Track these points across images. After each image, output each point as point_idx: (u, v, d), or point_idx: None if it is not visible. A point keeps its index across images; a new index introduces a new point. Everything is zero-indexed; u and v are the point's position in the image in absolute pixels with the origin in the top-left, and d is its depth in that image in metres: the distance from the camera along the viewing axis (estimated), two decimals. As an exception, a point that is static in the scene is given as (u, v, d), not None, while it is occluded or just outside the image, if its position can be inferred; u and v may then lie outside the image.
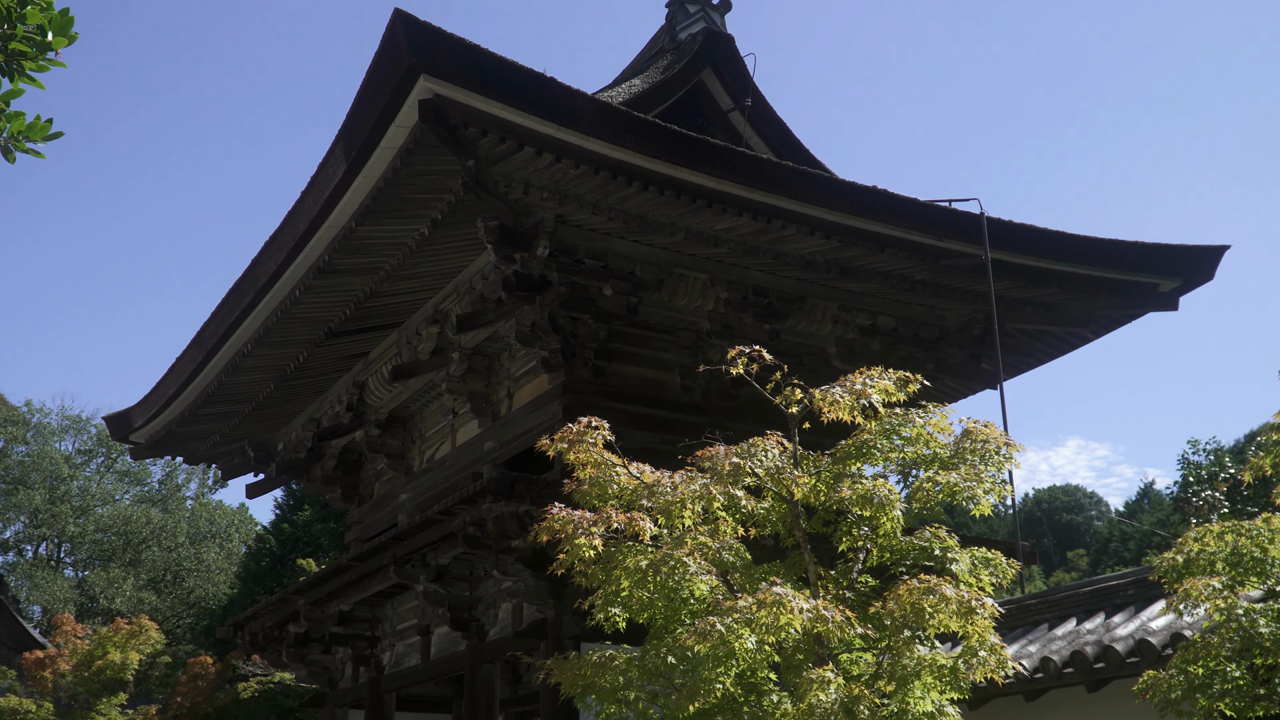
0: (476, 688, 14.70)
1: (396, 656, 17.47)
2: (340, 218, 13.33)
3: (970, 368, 16.75)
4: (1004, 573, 7.42)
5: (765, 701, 6.99)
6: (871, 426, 7.62)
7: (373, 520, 18.79)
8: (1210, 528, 7.11)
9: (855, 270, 14.67)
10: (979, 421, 7.79)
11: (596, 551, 7.04)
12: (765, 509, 7.65)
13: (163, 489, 62.52)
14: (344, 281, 14.69)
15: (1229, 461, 24.84)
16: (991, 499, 7.45)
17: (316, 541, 38.60)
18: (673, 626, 7.17)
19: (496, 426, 15.76)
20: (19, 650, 36.96)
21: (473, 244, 13.95)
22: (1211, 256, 15.96)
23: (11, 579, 53.30)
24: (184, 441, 19.93)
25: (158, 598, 54.67)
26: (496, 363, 16.02)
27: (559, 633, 13.16)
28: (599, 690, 7.16)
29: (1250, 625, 6.51)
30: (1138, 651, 9.40)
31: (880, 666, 6.97)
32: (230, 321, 15.92)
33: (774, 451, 7.57)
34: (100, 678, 29.51)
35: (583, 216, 13.34)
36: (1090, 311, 16.18)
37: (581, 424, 7.62)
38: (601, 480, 7.43)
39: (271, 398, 18.18)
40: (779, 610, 6.34)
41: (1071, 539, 68.36)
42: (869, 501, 7.22)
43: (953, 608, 6.62)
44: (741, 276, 14.74)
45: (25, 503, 57.12)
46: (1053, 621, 11.67)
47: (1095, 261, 15.43)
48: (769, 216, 13.35)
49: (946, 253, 14.47)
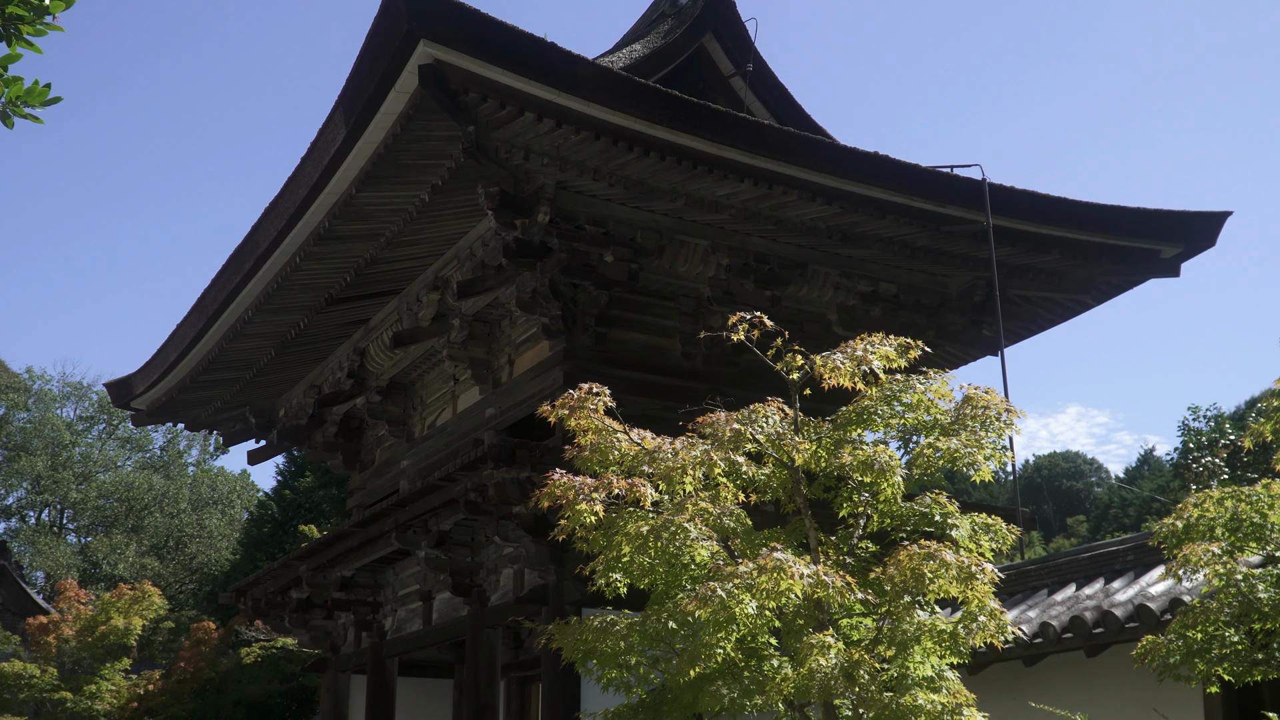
0: (478, 653, 14.78)
1: (398, 622, 17.56)
2: (340, 184, 13.30)
3: (971, 334, 16.74)
4: (1004, 538, 7.43)
5: (766, 666, 7.02)
6: (872, 393, 7.62)
7: (374, 486, 18.84)
8: (1210, 494, 7.11)
9: (856, 236, 14.65)
10: (980, 388, 7.78)
11: (597, 517, 7.05)
12: (766, 475, 7.66)
13: (164, 455, 62.65)
14: (344, 248, 14.67)
15: (1229, 428, 24.86)
16: (992, 465, 7.45)
17: (318, 508, 38.71)
18: (674, 592, 7.19)
19: (497, 393, 15.77)
20: (22, 616, 37.15)
21: (473, 210, 13.92)
22: (1214, 222, 15.92)
23: (14, 545, 53.51)
24: (185, 408, 19.95)
25: (160, 564, 54.88)
26: (497, 329, 16.02)
27: (560, 598, 13.22)
28: (600, 655, 7.18)
29: (1249, 590, 6.53)
30: (1137, 617, 9.43)
31: (880, 631, 7.00)
32: (231, 288, 15.92)
33: (775, 418, 7.56)
34: (104, 643, 29.66)
35: (583, 182, 13.31)
36: (1092, 278, 16.16)
37: (582, 390, 7.62)
38: (602, 446, 7.44)
39: (272, 364, 18.20)
40: (779, 576, 6.36)
41: (1071, 505, 68.53)
42: (870, 467, 7.22)
43: (953, 573, 6.63)
44: (743, 243, 14.72)
45: (27, 469, 57.25)
46: (1052, 587, 11.70)
47: (1097, 227, 15.40)
48: (770, 182, 13.31)
49: (948, 219, 14.44)
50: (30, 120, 3.96)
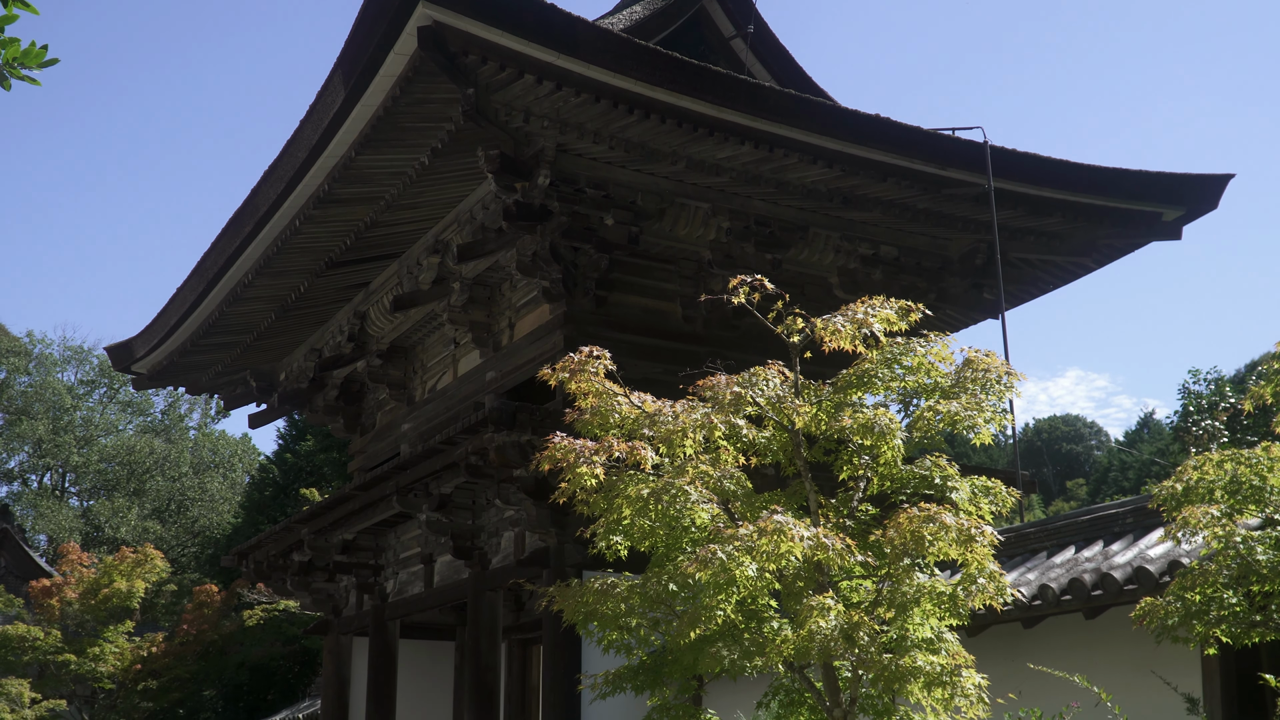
0: (479, 615, 14.85)
1: (400, 585, 17.63)
2: (340, 147, 13.26)
3: (972, 297, 16.73)
4: (1004, 501, 7.44)
5: (766, 628, 7.05)
6: (873, 356, 7.61)
7: (375, 450, 18.87)
8: (1210, 456, 7.12)
9: (857, 199, 14.61)
10: (980, 351, 7.77)
11: (598, 480, 7.06)
12: (766, 438, 7.67)
13: (165, 419, 62.69)
14: (344, 211, 14.64)
15: (1229, 391, 24.85)
16: (992, 428, 7.45)
17: (319, 471, 38.77)
18: (674, 554, 7.22)
19: (498, 356, 15.78)
20: (25, 579, 37.27)
21: (473, 173, 13.88)
22: (1216, 185, 15.88)
23: (16, 508, 53.64)
24: (186, 372, 19.97)
25: (162, 527, 55.03)
26: (498, 293, 16.01)
27: (561, 561, 13.27)
28: (601, 617, 7.22)
29: (1248, 552, 6.55)
30: (1135, 579, 9.47)
31: (880, 593, 7.02)
32: (231, 251, 15.90)
33: (775, 381, 7.57)
34: (107, 606, 29.79)
35: (584, 145, 13.27)
36: (1093, 241, 16.13)
37: (583, 354, 7.62)
38: (603, 410, 7.44)
39: (273, 328, 18.20)
40: (780, 538, 6.38)
41: (1071, 469, 68.64)
42: (870, 430, 7.23)
43: (952, 535, 6.65)
44: (743, 206, 14.68)
45: (29, 433, 57.32)
46: (1051, 550, 11.74)
47: (1099, 190, 15.36)
48: (771, 145, 13.28)
49: (949, 182, 14.40)
50: (27, 82, 3.94)
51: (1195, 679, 9.29)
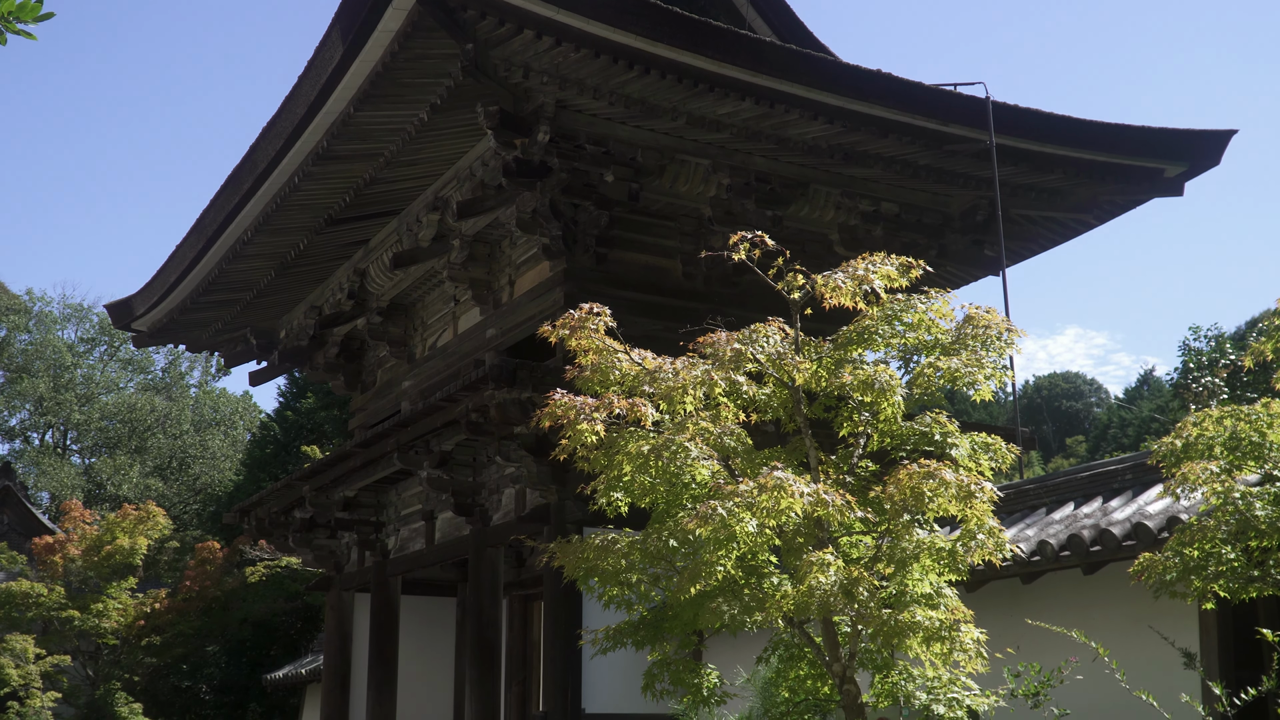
0: (481, 571, 14.92)
1: (401, 541, 17.70)
2: (338, 103, 13.20)
3: (973, 254, 16.70)
4: (1003, 458, 7.46)
5: (766, 584, 7.08)
6: (873, 312, 7.61)
7: (376, 407, 18.90)
8: (1209, 413, 7.12)
9: (858, 156, 14.56)
10: (981, 307, 7.77)
11: (598, 437, 7.08)
12: (766, 395, 7.68)
13: (166, 377, 62.75)
14: (343, 168, 14.60)
15: (1230, 348, 24.84)
16: (992, 384, 7.46)
17: (320, 429, 38.84)
18: (674, 511, 7.24)
19: (498, 314, 15.77)
20: (28, 536, 37.45)
21: (473, 130, 13.83)
22: (1218, 141, 15.80)
23: (19, 466, 53.77)
24: (186, 329, 19.96)
25: (164, 484, 55.20)
26: (497, 250, 15.98)
27: (561, 517, 13.32)
28: (601, 573, 7.25)
29: (1247, 508, 6.56)
30: (1134, 535, 9.50)
31: (879, 549, 7.05)
32: (230, 208, 15.85)
33: (775, 337, 7.57)
34: (110, 562, 29.93)
35: (583, 101, 13.20)
36: (1095, 197, 16.08)
37: (583, 310, 7.62)
38: (603, 366, 7.45)
39: (272, 285, 18.18)
40: (780, 494, 6.40)
41: (1071, 426, 68.74)
42: (870, 387, 7.24)
43: (952, 492, 6.67)
44: (744, 162, 14.63)
45: (30, 391, 57.40)
46: (1050, 506, 11.78)
47: (1100, 146, 15.29)
48: (771, 101, 13.21)
49: (950, 138, 14.34)
50: (23, 36, 3.91)
51: (1192, 634, 9.35)
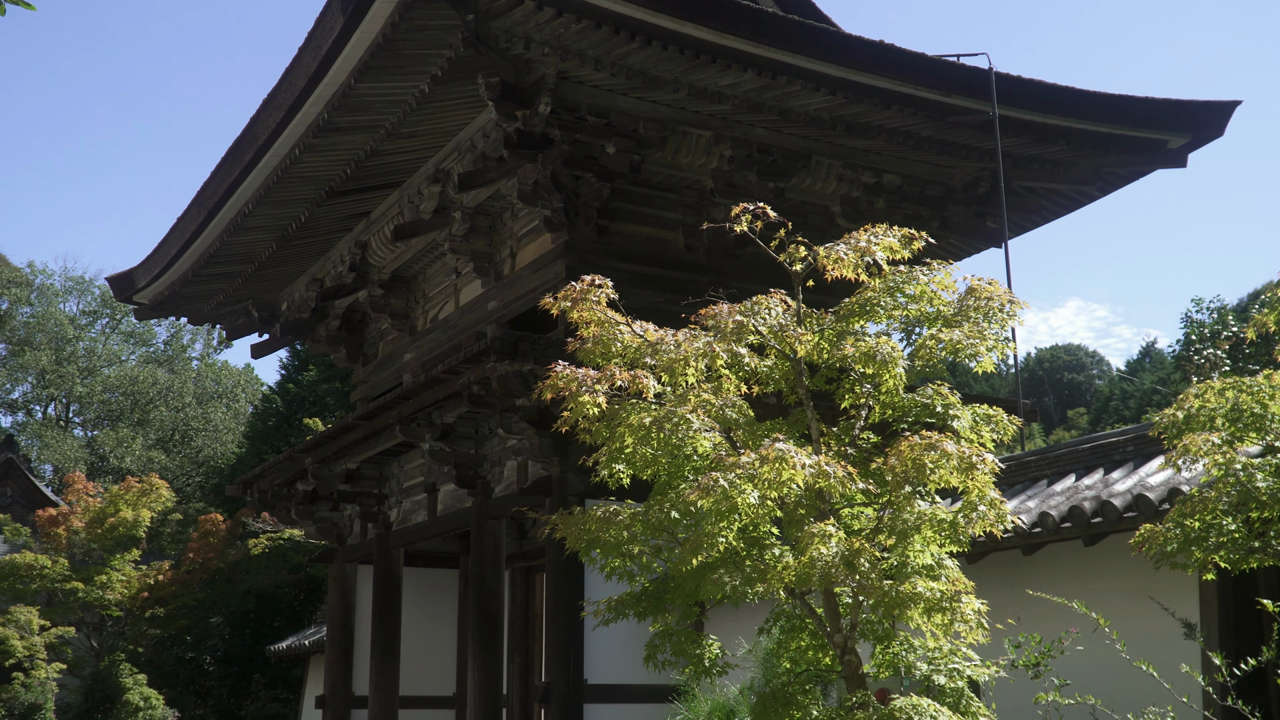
0: (483, 543, 14.96)
1: (404, 513, 17.75)
2: (339, 75, 13.16)
3: (975, 226, 16.67)
4: (1005, 429, 7.46)
5: (767, 555, 7.10)
6: (875, 284, 7.60)
7: (378, 380, 18.92)
8: (1211, 384, 7.12)
9: (861, 127, 14.51)
10: (983, 279, 7.75)
11: (600, 409, 7.08)
12: (768, 367, 7.67)
13: (168, 350, 62.76)
14: (344, 140, 14.56)
15: (1232, 320, 24.78)
16: (994, 356, 7.45)
17: (322, 401, 38.86)
18: (676, 482, 7.25)
19: (499, 286, 15.77)
20: (31, 508, 37.52)
21: (474, 101, 13.79)
22: (1222, 112, 15.74)
23: (21, 439, 53.85)
24: (188, 302, 19.96)
25: (167, 457, 55.29)
26: (499, 222, 15.96)
27: (563, 489, 13.34)
28: (603, 544, 7.26)
29: (1248, 480, 6.57)
30: (1135, 506, 9.53)
31: (881, 521, 7.06)
32: (231, 181, 15.83)
33: (777, 309, 7.56)
34: (113, 534, 30.01)
35: (585, 73, 13.16)
36: (1098, 168, 16.04)
37: (585, 282, 7.61)
38: (605, 339, 7.45)
39: (274, 258, 18.16)
40: (781, 466, 6.40)
41: (1073, 398, 68.72)
42: (872, 359, 7.23)
43: (953, 463, 6.67)
44: (746, 134, 14.59)
45: (32, 363, 57.43)
46: (1052, 478, 11.80)
47: (1104, 118, 15.24)
48: (774, 72, 13.16)
49: (953, 109, 14.29)
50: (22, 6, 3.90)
51: (1193, 605, 9.38)
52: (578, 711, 13.07)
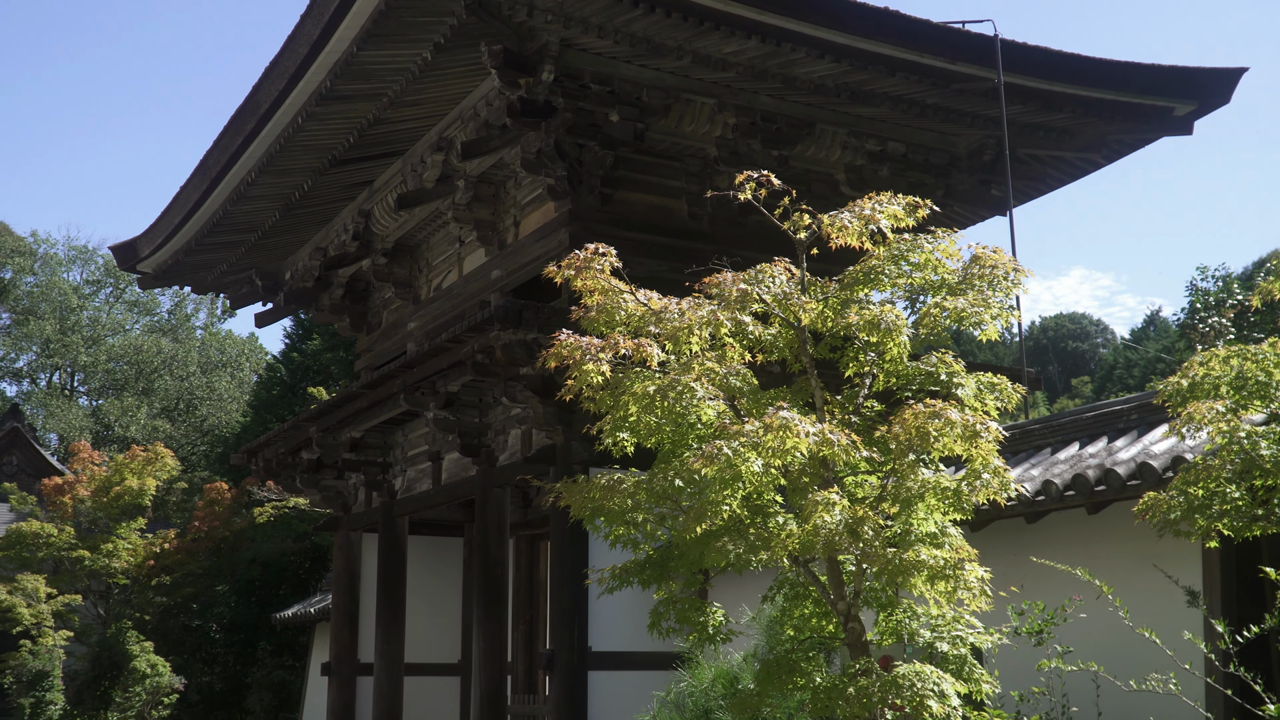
0: (487, 512, 14.99)
1: (408, 482, 17.78)
2: (341, 42, 13.10)
3: (980, 194, 16.62)
4: (1009, 398, 7.45)
5: (771, 523, 7.11)
6: (879, 252, 7.58)
7: (382, 349, 18.93)
8: (1216, 352, 7.10)
9: (865, 95, 14.45)
10: (988, 247, 7.73)
11: (604, 377, 7.07)
12: (772, 335, 7.66)
13: (172, 319, 62.79)
14: (346, 108, 14.52)
15: (1237, 288, 24.71)
16: (998, 325, 7.43)
17: (326, 370, 38.86)
18: (680, 451, 7.25)
19: (503, 255, 15.75)
20: (37, 477, 37.62)
21: (476, 69, 13.73)
22: (1228, 79, 15.67)
23: (27, 408, 53.93)
24: (191, 271, 19.96)
25: (171, 426, 55.38)
26: (502, 190, 15.93)
27: (568, 457, 13.36)
28: (608, 512, 7.26)
29: (1252, 447, 6.55)
30: (1139, 474, 9.52)
31: (885, 489, 7.06)
32: (233, 149, 15.79)
33: (781, 278, 7.54)
34: (119, 503, 30.09)
35: (588, 40, 13.09)
36: (1103, 136, 15.98)
37: (588, 251, 7.59)
38: (609, 307, 7.43)
39: (277, 227, 18.15)
40: (785, 434, 6.40)
41: (1077, 367, 68.66)
42: (876, 327, 7.22)
43: (957, 431, 6.67)
44: (750, 102, 14.53)
45: (36, 333, 57.49)
46: (1056, 446, 11.80)
47: (1110, 85, 15.17)
48: (778, 39, 13.09)
49: (958, 76, 14.23)
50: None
51: (1195, 572, 9.39)
52: (582, 678, 13.13)
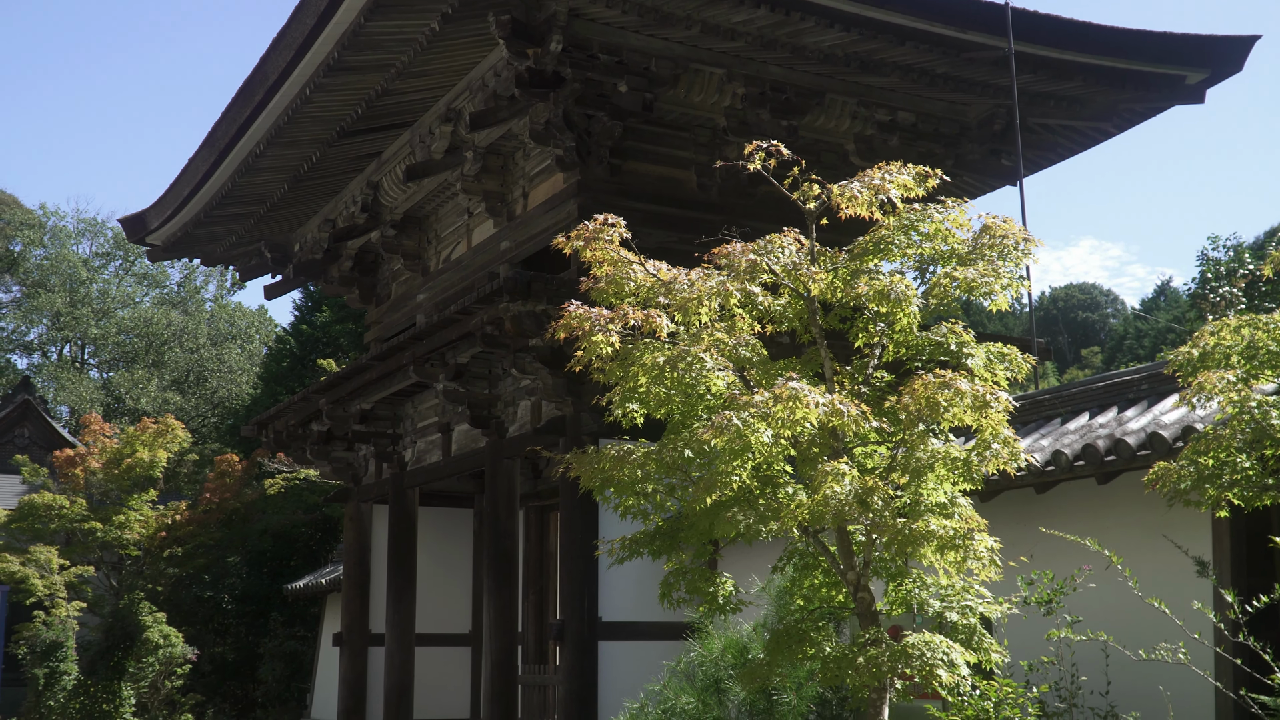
0: (497, 483, 15.03)
1: (418, 453, 17.82)
2: (349, 13, 13.05)
3: (990, 164, 16.55)
4: (1019, 368, 7.44)
5: (781, 494, 7.12)
6: (889, 222, 7.56)
7: (391, 320, 18.94)
8: (1227, 322, 7.08)
9: (875, 64, 14.38)
10: (998, 217, 7.70)
11: (614, 348, 7.07)
12: (782, 306, 7.65)
13: (182, 291, 62.86)
14: (354, 79, 14.48)
15: (1249, 257, 24.63)
16: (1008, 295, 7.41)
17: (336, 342, 38.91)
18: (690, 421, 7.25)
19: (512, 226, 15.73)
20: (49, 449, 37.68)
21: (484, 39, 13.68)
22: (1241, 46, 15.56)
23: (38, 380, 54.09)
24: (201, 243, 19.96)
25: (182, 398, 55.51)
26: (511, 162, 15.89)
27: (577, 429, 13.38)
28: (618, 483, 7.28)
29: (1263, 417, 6.54)
30: (1149, 444, 9.52)
31: (894, 459, 7.07)
32: (242, 121, 15.76)
33: (791, 248, 7.52)
34: (130, 475, 30.17)
35: (596, 10, 13.04)
36: (1114, 105, 15.88)
37: (597, 222, 7.58)
38: (618, 278, 7.43)
39: (286, 199, 18.13)
40: (795, 404, 6.40)
41: (1087, 337, 68.53)
42: (886, 297, 7.20)
43: (967, 401, 6.66)
44: (759, 71, 14.47)
45: (46, 305, 57.60)
46: (1065, 416, 11.79)
47: (1121, 53, 15.08)
48: (787, 8, 13.03)
49: (969, 45, 14.15)
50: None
51: (1205, 542, 9.40)
52: (592, 649, 13.19)
